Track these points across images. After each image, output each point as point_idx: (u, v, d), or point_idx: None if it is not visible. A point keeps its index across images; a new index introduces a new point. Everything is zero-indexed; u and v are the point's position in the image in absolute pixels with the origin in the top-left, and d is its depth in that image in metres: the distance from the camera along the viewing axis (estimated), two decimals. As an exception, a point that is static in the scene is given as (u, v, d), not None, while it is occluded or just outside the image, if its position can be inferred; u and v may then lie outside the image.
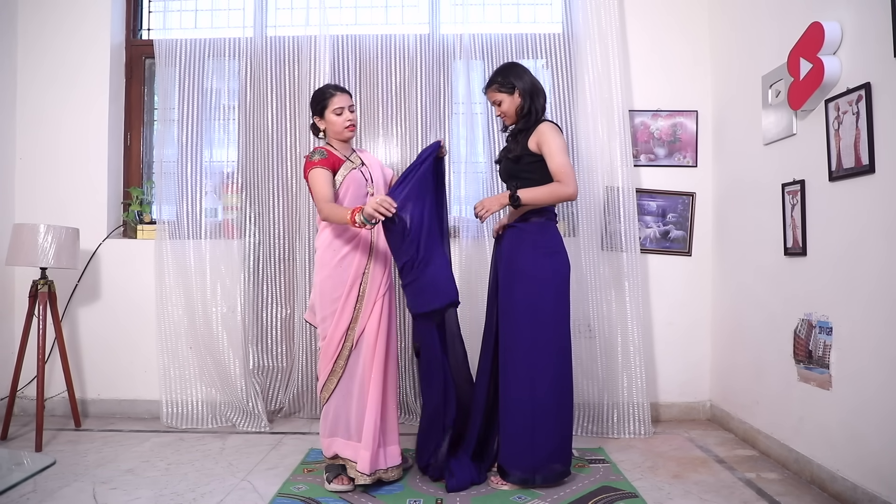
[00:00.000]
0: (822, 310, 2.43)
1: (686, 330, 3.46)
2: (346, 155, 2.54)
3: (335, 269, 2.44)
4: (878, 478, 2.12)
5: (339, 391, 2.45)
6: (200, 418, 3.36)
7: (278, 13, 3.63)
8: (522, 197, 2.38)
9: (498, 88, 2.53)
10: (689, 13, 3.48)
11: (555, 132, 2.44)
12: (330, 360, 2.44)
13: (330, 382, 2.45)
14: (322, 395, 2.48)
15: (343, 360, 2.44)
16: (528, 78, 2.52)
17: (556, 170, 2.39)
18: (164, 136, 3.54)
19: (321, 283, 2.46)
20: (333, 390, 2.45)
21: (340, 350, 2.43)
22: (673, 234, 3.46)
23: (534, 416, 2.39)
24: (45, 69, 3.57)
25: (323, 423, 2.49)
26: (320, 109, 2.52)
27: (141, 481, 2.51)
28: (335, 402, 2.46)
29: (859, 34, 2.22)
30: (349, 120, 2.51)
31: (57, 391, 3.47)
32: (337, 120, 2.50)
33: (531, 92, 2.51)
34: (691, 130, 3.46)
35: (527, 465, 2.39)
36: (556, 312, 2.45)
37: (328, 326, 2.45)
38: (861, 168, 2.19)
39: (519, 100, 2.51)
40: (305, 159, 2.50)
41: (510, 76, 2.52)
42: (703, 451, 2.92)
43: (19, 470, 2.10)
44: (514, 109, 2.53)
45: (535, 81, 2.54)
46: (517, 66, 2.57)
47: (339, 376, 2.44)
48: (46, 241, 3.03)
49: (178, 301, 3.40)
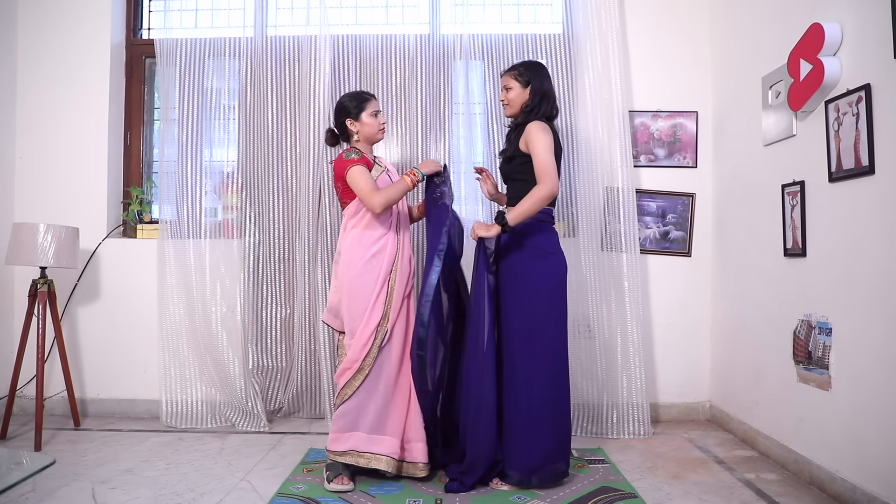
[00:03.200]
0: (821, 311, 2.44)
1: (686, 330, 3.46)
2: (372, 158, 2.63)
3: (365, 267, 2.48)
4: (877, 479, 2.12)
5: (364, 388, 2.45)
6: (200, 418, 3.35)
7: (278, 13, 3.63)
8: (511, 220, 2.39)
9: (515, 76, 2.57)
10: (690, 14, 3.48)
11: (539, 130, 2.45)
12: (357, 358, 2.45)
13: (355, 380, 2.45)
14: (343, 391, 2.47)
15: (372, 357, 2.45)
16: (546, 83, 2.57)
17: (537, 169, 2.41)
18: (165, 135, 3.53)
19: (350, 282, 2.48)
20: (358, 387, 2.44)
21: (370, 348, 2.45)
22: (673, 235, 3.46)
23: (531, 417, 2.39)
24: (45, 68, 3.56)
25: (338, 420, 2.47)
26: (357, 112, 2.57)
27: (140, 481, 2.51)
28: (358, 400, 2.45)
29: (859, 35, 2.22)
30: (384, 122, 2.65)
31: (56, 391, 3.46)
32: (374, 122, 2.60)
33: (542, 94, 2.54)
34: (691, 131, 3.47)
35: (525, 466, 2.39)
36: (553, 314, 2.46)
37: (357, 326, 2.46)
38: (861, 169, 2.19)
39: (528, 95, 2.54)
40: (339, 160, 2.53)
41: (531, 71, 2.57)
42: (702, 451, 2.92)
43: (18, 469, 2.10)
44: (519, 102, 2.56)
45: (550, 89, 2.58)
46: (543, 68, 2.61)
47: (366, 374, 2.45)
48: (46, 241, 3.02)
49: (179, 300, 3.40)
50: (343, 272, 2.53)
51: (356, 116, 2.59)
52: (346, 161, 2.50)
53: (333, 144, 2.72)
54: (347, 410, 2.45)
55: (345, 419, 2.46)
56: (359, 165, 2.48)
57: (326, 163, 3.38)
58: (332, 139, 2.70)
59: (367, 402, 2.45)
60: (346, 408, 2.45)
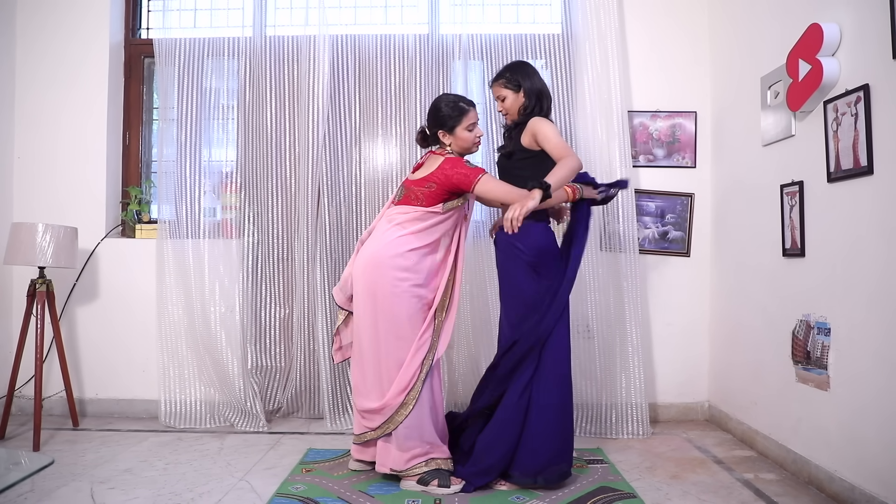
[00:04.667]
0: (820, 311, 2.44)
1: (684, 330, 3.46)
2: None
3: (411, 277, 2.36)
4: (876, 479, 2.12)
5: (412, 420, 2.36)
6: (199, 418, 3.35)
7: (278, 13, 3.62)
8: (552, 183, 2.23)
9: (504, 84, 2.54)
10: (689, 14, 3.49)
11: (546, 122, 2.46)
12: (400, 393, 2.34)
13: (399, 415, 2.35)
14: (386, 426, 2.38)
15: (417, 389, 2.36)
16: (536, 79, 2.54)
17: (557, 151, 2.38)
18: (163, 135, 3.53)
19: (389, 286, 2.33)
20: (403, 420, 2.35)
21: (415, 383, 2.36)
22: (672, 235, 3.46)
23: (534, 419, 2.39)
24: (44, 68, 3.56)
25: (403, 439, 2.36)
26: (453, 125, 2.45)
27: (139, 481, 2.51)
28: (411, 429, 2.36)
29: (858, 36, 2.22)
30: (480, 135, 2.52)
31: (55, 390, 3.46)
32: (469, 136, 2.47)
33: (538, 93, 2.52)
34: (690, 131, 3.47)
35: (531, 467, 2.39)
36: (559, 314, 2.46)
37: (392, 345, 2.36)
38: (859, 169, 2.19)
39: (524, 99, 2.53)
40: (462, 168, 2.37)
41: (518, 74, 2.53)
42: (701, 451, 2.92)
43: (17, 469, 2.10)
44: (517, 108, 2.54)
45: (543, 84, 2.55)
46: (527, 66, 2.57)
47: (412, 406, 2.35)
48: (45, 241, 3.02)
49: (178, 300, 3.39)
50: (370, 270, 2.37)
51: (450, 130, 2.45)
52: (472, 168, 2.36)
53: (424, 146, 2.59)
54: (409, 433, 2.37)
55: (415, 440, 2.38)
56: (488, 174, 2.37)
57: (325, 162, 3.38)
58: (423, 141, 2.56)
59: (429, 416, 2.40)
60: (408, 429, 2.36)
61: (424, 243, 2.41)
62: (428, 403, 2.40)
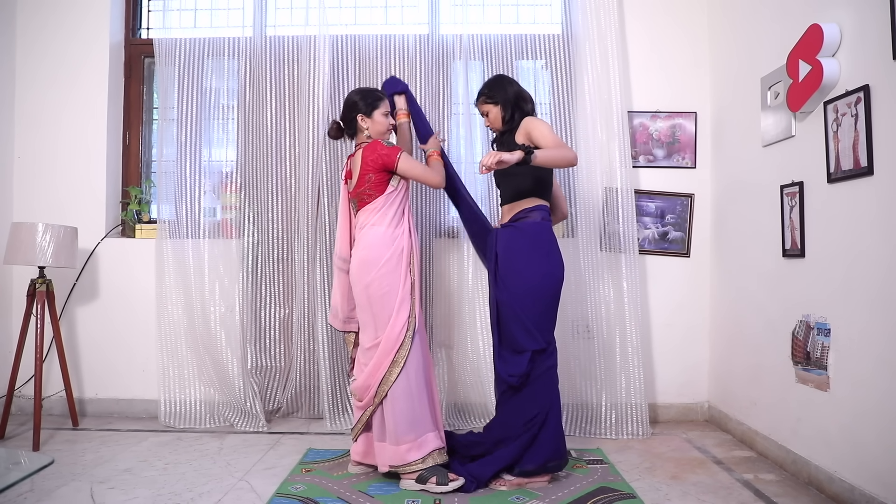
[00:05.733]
0: (820, 311, 2.44)
1: (684, 331, 3.46)
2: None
3: (391, 265, 2.48)
4: (876, 479, 2.12)
5: (400, 387, 2.44)
6: (198, 418, 3.35)
7: (278, 13, 3.62)
8: (537, 157, 2.31)
9: (485, 101, 2.67)
10: (689, 14, 3.49)
11: (539, 120, 2.57)
12: (390, 351, 2.45)
13: (391, 374, 2.44)
14: (381, 388, 2.45)
15: (406, 349, 2.46)
16: (510, 89, 2.64)
17: (553, 145, 2.42)
18: (163, 135, 3.53)
19: (378, 280, 2.47)
20: (393, 382, 2.43)
21: (403, 340, 2.46)
22: (671, 236, 3.46)
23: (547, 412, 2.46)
24: (44, 68, 3.56)
25: (393, 428, 2.44)
26: (370, 109, 2.60)
27: (139, 481, 2.51)
28: (401, 404, 2.43)
29: (858, 36, 2.22)
30: (392, 123, 2.72)
31: (54, 390, 3.46)
32: (384, 121, 2.63)
33: (514, 101, 2.62)
34: (690, 132, 3.47)
35: (542, 457, 2.44)
36: (547, 314, 2.50)
37: (386, 322, 2.47)
38: (859, 170, 2.19)
39: (502, 110, 2.62)
40: (379, 147, 2.51)
41: (494, 89, 2.66)
42: (700, 452, 2.92)
43: (17, 469, 2.09)
44: (499, 119, 2.64)
45: (519, 91, 2.65)
46: (502, 79, 2.70)
47: (401, 367, 2.44)
48: (45, 240, 3.02)
49: (178, 300, 3.39)
50: (365, 273, 2.49)
51: (368, 113, 2.60)
52: (392, 148, 2.52)
53: (337, 138, 2.73)
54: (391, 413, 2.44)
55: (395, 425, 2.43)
56: (405, 152, 2.54)
57: (325, 162, 3.38)
58: (338, 133, 2.70)
59: (415, 399, 2.45)
60: (388, 410, 2.45)
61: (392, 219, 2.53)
62: (415, 376, 2.46)
